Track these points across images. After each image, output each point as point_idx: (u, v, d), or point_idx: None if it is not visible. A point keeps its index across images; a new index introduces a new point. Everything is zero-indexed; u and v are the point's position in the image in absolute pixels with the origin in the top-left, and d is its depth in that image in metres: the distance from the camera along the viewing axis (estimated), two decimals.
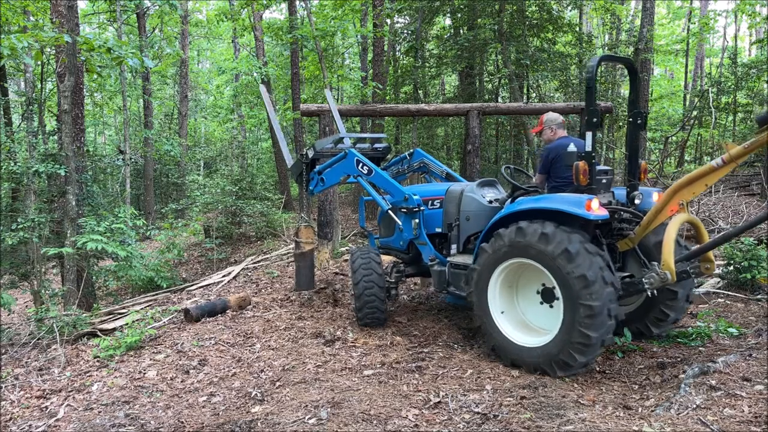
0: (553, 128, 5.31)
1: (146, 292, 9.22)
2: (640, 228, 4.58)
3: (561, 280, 4.23)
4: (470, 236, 5.52)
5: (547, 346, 4.38)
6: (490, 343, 4.83)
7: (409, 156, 6.94)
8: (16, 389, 5.16)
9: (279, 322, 6.38)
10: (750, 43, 23.48)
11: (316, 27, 12.48)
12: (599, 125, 4.44)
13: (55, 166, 7.79)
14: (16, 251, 8.27)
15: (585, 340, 4.11)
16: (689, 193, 4.26)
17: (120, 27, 15.31)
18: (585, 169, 4.41)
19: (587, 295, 4.07)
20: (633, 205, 4.85)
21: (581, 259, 4.11)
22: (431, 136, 16.91)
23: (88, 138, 23.39)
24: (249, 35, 21.08)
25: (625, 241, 4.74)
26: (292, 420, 3.85)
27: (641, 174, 4.91)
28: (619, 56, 5.01)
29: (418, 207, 5.72)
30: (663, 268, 4.20)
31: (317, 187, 6.64)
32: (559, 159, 4.96)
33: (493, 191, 5.72)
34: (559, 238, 4.21)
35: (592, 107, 4.45)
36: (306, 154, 6.71)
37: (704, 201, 10.90)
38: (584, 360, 4.22)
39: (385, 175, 6.02)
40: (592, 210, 4.19)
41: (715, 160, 4.10)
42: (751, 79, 14.13)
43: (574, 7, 15.35)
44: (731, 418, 3.35)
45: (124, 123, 15.60)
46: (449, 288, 5.40)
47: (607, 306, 4.08)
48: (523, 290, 4.86)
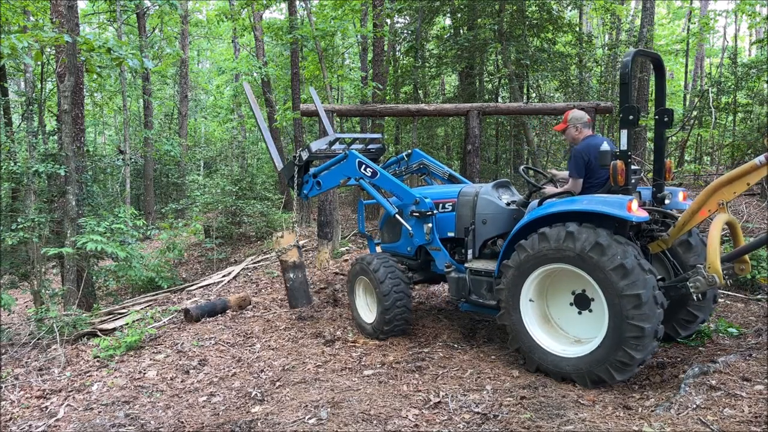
0: (579, 127, 4.94)
1: (146, 292, 9.22)
2: (675, 229, 4.41)
3: (610, 295, 3.96)
4: (487, 240, 5.24)
5: (582, 359, 4.12)
6: (515, 344, 4.59)
7: (407, 157, 6.66)
8: (16, 389, 5.16)
9: (279, 322, 6.37)
10: (750, 43, 23.47)
11: (316, 27, 12.48)
12: (636, 123, 4.22)
13: (55, 166, 7.79)
14: (16, 251, 8.28)
15: (627, 359, 3.91)
16: (730, 193, 4.08)
17: (120, 27, 15.32)
18: (623, 169, 4.18)
19: (638, 315, 3.84)
20: (662, 205, 4.67)
21: (636, 277, 3.87)
22: (431, 136, 16.90)
23: (88, 138, 23.40)
24: (249, 35, 21.07)
25: (658, 243, 4.55)
26: (292, 420, 3.85)
27: (666, 173, 4.69)
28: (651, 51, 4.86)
29: (431, 211, 5.42)
30: (709, 271, 4.02)
31: (312, 191, 6.31)
32: (593, 160, 4.63)
33: (508, 193, 5.46)
34: (614, 251, 3.93)
35: (627, 104, 4.21)
36: (300, 155, 6.33)
37: None
38: (621, 379, 4.03)
39: (392, 177, 5.71)
40: (633, 211, 3.97)
41: (758, 158, 3.95)
42: (751, 79, 14.11)
43: (574, 7, 15.34)
44: (731, 418, 3.35)
45: (124, 123, 15.61)
46: (470, 296, 5.10)
47: (655, 327, 3.89)
48: (553, 294, 4.57)
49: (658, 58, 4.76)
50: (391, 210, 5.65)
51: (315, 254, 9.60)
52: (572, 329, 4.44)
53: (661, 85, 4.85)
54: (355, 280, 5.87)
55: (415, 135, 13.06)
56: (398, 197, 5.74)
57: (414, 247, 5.78)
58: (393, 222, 5.89)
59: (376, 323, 5.57)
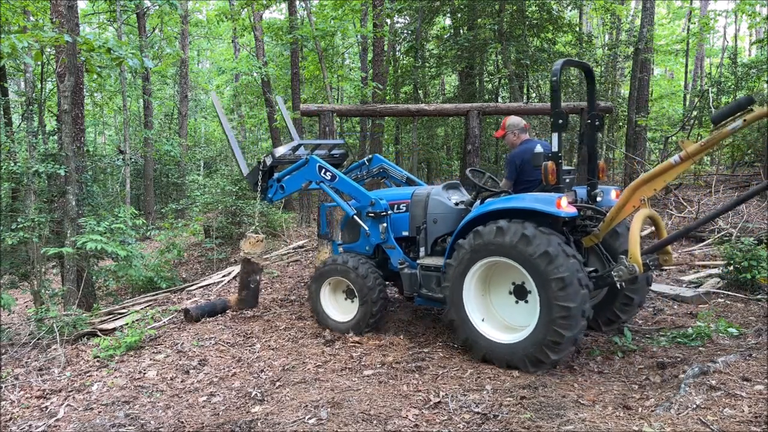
0: (516, 132, 5.45)
1: (146, 292, 9.21)
2: (604, 224, 4.77)
3: (539, 280, 4.37)
4: (438, 238, 5.60)
5: (520, 343, 4.52)
6: (461, 337, 4.94)
7: (368, 162, 6.98)
8: (16, 389, 5.16)
9: (279, 322, 6.38)
10: (750, 43, 23.47)
11: (316, 27, 12.49)
12: (564, 127, 4.63)
13: (55, 166, 7.79)
14: (16, 251, 8.27)
15: (559, 338, 4.29)
16: (650, 190, 4.50)
17: (120, 27, 15.32)
18: (553, 169, 4.56)
19: (563, 296, 4.24)
20: (594, 202, 5.05)
21: (560, 261, 4.27)
22: (431, 136, 16.90)
23: (88, 138, 23.40)
24: (249, 35, 21.07)
25: (590, 237, 4.91)
26: (292, 420, 3.85)
27: (600, 173, 5.12)
28: (579, 61, 5.41)
29: (386, 211, 5.78)
30: (630, 261, 4.41)
31: (276, 195, 6.60)
32: (527, 162, 5.08)
33: (457, 193, 5.86)
34: (539, 240, 4.35)
35: (557, 109, 4.60)
36: (264, 161, 6.65)
37: (704, 201, 10.90)
38: (556, 358, 4.39)
39: (350, 181, 6.06)
40: (562, 207, 4.38)
41: (673, 158, 4.39)
42: (751, 79, 14.11)
43: (574, 7, 15.34)
44: (731, 418, 3.35)
45: (124, 123, 15.62)
46: (421, 290, 5.47)
47: (581, 307, 4.27)
48: (495, 287, 4.98)
49: (588, 67, 5.21)
50: (350, 211, 5.99)
51: (315, 254, 9.60)
52: (512, 318, 4.86)
53: (591, 92, 5.22)
54: (323, 282, 6.05)
55: (415, 135, 13.07)
56: (356, 199, 6.03)
57: (372, 247, 6.06)
58: (352, 223, 6.19)
59: (359, 319, 5.77)
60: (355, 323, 5.79)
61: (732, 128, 4.11)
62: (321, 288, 6.05)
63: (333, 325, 5.94)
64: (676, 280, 7.30)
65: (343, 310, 6.01)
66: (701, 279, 7.13)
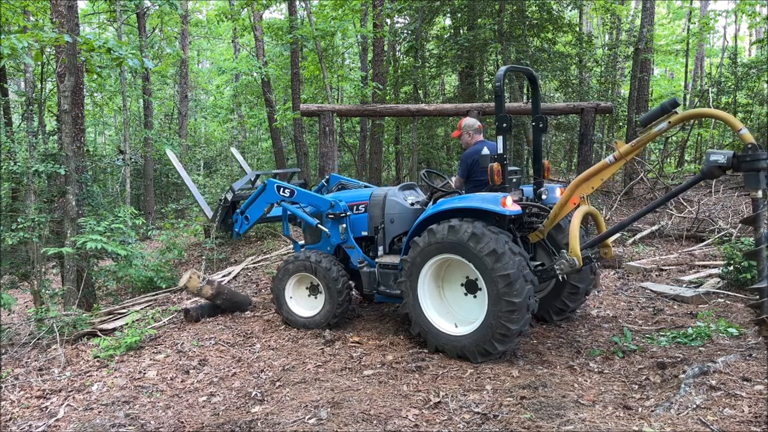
0: (471, 133, 5.77)
1: (146, 292, 9.21)
2: (548, 221, 5.02)
3: (487, 276, 4.60)
4: (395, 237, 5.80)
5: (471, 335, 4.76)
6: (416, 329, 5.16)
7: (327, 182, 7.22)
8: (16, 389, 5.16)
9: (279, 322, 6.38)
10: (750, 43, 23.48)
11: (316, 27, 12.48)
12: (509, 131, 4.91)
13: (55, 166, 7.78)
14: (16, 251, 8.27)
15: (506, 330, 4.55)
16: (588, 188, 4.77)
17: (120, 27, 15.31)
18: (499, 170, 4.82)
19: (509, 292, 4.49)
20: (540, 200, 5.35)
21: (506, 259, 4.50)
22: (431, 136, 16.88)
23: (88, 138, 23.40)
24: (249, 35, 21.06)
25: (536, 233, 5.17)
26: (292, 420, 3.85)
27: (545, 172, 5.42)
28: (522, 67, 5.70)
29: (345, 212, 5.98)
30: (571, 255, 4.70)
31: (242, 227, 6.74)
32: (478, 162, 5.26)
33: (413, 194, 6.10)
34: (488, 239, 4.57)
35: (501, 113, 4.83)
36: (225, 198, 6.92)
37: (704, 201, 10.90)
38: (503, 349, 4.66)
39: (307, 191, 6.33)
40: (507, 206, 4.64)
41: (608, 158, 4.66)
42: (751, 79, 14.13)
43: (574, 7, 15.34)
44: (731, 418, 3.35)
45: (124, 123, 15.61)
46: (380, 288, 5.68)
47: (526, 301, 4.52)
48: (448, 282, 5.20)
49: (531, 73, 5.49)
50: (312, 222, 6.20)
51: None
52: (464, 312, 5.08)
53: (535, 97, 5.51)
54: (287, 279, 6.21)
55: (415, 135, 13.07)
56: (317, 206, 6.28)
57: (333, 247, 6.24)
58: None
59: (326, 312, 5.96)
60: (320, 318, 5.99)
61: (659, 129, 4.38)
62: (286, 285, 6.24)
63: (296, 320, 6.15)
64: (676, 280, 7.30)
65: (308, 306, 6.21)
66: (701, 279, 7.13)
